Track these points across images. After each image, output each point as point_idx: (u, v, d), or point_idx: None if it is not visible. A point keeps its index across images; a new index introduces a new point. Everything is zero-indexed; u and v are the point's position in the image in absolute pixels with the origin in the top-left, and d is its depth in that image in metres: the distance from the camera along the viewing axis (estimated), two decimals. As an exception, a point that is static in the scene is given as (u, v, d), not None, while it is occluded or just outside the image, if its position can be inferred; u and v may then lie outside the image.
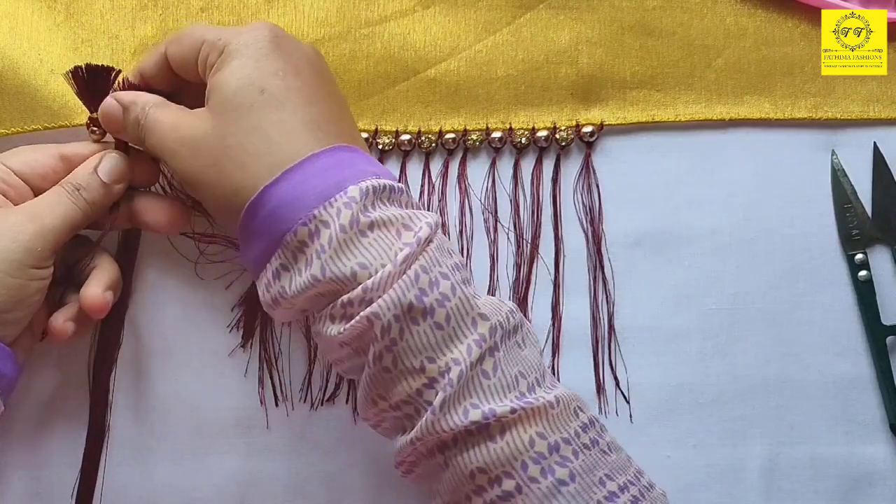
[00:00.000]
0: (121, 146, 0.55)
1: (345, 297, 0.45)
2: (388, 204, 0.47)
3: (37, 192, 0.53)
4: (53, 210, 0.51)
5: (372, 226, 0.45)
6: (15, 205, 0.52)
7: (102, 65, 0.54)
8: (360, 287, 0.45)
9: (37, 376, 0.58)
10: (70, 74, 0.53)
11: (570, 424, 0.46)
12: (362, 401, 0.48)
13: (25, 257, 0.49)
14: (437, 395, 0.45)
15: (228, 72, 0.48)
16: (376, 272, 0.45)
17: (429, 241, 0.46)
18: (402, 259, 0.44)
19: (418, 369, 0.45)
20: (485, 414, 0.44)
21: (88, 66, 0.53)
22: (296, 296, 0.46)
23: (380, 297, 0.44)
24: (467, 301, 0.45)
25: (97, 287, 0.52)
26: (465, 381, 0.45)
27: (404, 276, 0.44)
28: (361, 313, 0.45)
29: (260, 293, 0.48)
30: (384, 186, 0.46)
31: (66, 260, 0.54)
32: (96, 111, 0.54)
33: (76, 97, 0.54)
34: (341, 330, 0.46)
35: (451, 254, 0.47)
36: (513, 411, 0.45)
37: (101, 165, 0.53)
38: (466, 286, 0.46)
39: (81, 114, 0.56)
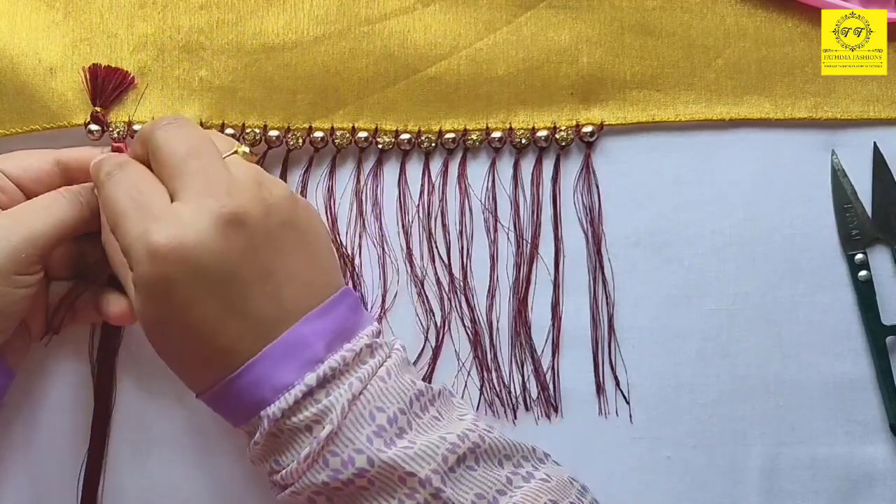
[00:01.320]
0: (118, 146, 0.55)
1: (271, 478, 0.49)
2: (304, 400, 0.47)
3: (30, 196, 0.52)
4: (45, 214, 0.50)
5: (282, 431, 0.47)
6: (5, 209, 0.51)
7: (120, 68, 0.56)
8: (278, 475, 0.48)
9: (38, 377, 0.58)
10: (87, 70, 0.55)
11: (571, 491, 0.48)
12: None
13: (10, 265, 0.49)
14: None
15: (138, 304, 0.47)
16: (285, 468, 0.47)
17: (339, 425, 0.46)
18: (303, 456, 0.46)
19: None
20: None
21: (108, 67, 0.56)
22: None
23: (293, 483, 0.47)
24: (388, 467, 0.46)
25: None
26: None
27: (315, 464, 0.46)
28: (284, 491, 0.48)
29: None
30: (296, 396, 0.46)
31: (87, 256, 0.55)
32: (100, 109, 0.55)
33: (75, 97, 0.55)
34: (277, 496, 0.49)
35: (373, 416, 0.47)
36: None
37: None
38: (392, 446, 0.46)
39: (80, 114, 0.56)
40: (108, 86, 0.57)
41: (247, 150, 0.50)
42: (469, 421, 0.49)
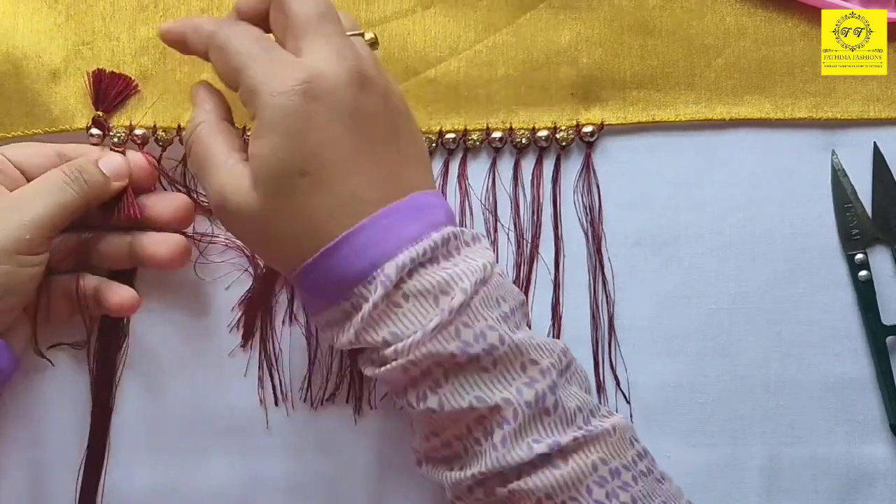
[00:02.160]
0: (118, 151, 0.56)
1: (377, 353, 0.47)
2: (429, 266, 0.46)
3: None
4: (46, 197, 0.51)
5: (406, 297, 0.46)
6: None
7: (125, 74, 0.56)
8: (391, 348, 0.46)
9: (38, 376, 0.58)
10: (91, 74, 0.56)
11: (628, 452, 0.47)
12: (418, 438, 0.49)
13: (14, 245, 0.49)
14: (492, 432, 0.45)
15: (266, 149, 0.45)
16: (407, 338, 0.45)
17: (472, 296, 0.46)
18: (432, 327, 0.45)
19: (466, 408, 0.46)
20: (550, 446, 0.45)
21: (112, 72, 0.56)
22: (340, 346, 0.48)
23: (411, 355, 0.45)
24: (517, 348, 0.46)
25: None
26: (526, 419, 0.45)
27: (443, 333, 0.45)
28: (394, 363, 0.46)
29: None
30: (425, 250, 0.46)
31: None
32: (102, 113, 0.56)
33: (77, 101, 0.55)
34: (375, 372, 0.47)
35: (499, 302, 0.47)
36: (575, 440, 0.46)
37: (104, 160, 0.54)
38: (517, 332, 0.47)
39: (81, 118, 0.57)
40: (111, 91, 0.57)
41: (372, 36, 0.51)
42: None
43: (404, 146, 0.49)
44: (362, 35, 0.50)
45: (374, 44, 0.52)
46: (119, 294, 0.55)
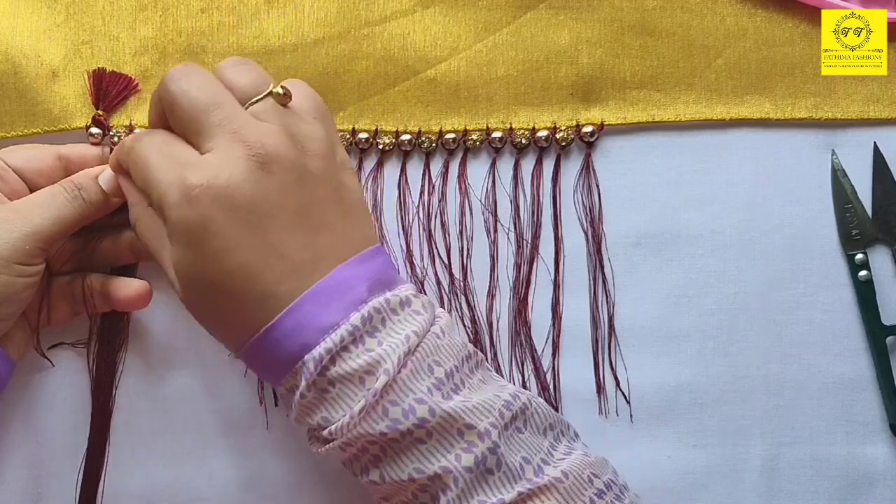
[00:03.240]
0: None
1: (317, 433, 0.48)
2: (352, 348, 0.46)
3: (33, 188, 0.53)
4: (45, 209, 0.51)
5: (333, 383, 0.46)
6: (8, 198, 0.52)
7: (125, 74, 0.56)
8: (326, 431, 0.47)
9: (38, 376, 0.58)
10: (91, 73, 0.56)
11: (585, 493, 0.47)
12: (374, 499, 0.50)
13: (12, 254, 0.49)
14: (438, 498, 0.46)
15: (175, 259, 0.47)
16: (337, 422, 0.46)
17: (396, 374, 0.46)
18: (358, 410, 0.45)
19: (407, 480, 0.46)
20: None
21: (112, 72, 0.56)
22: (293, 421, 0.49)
23: (343, 437, 0.46)
24: (450, 417, 0.46)
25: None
26: (468, 483, 0.45)
27: (372, 414, 0.45)
28: (332, 444, 0.47)
29: None
30: (343, 337, 0.46)
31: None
32: (102, 113, 0.56)
33: (77, 100, 0.55)
34: (318, 451, 0.48)
35: (431, 369, 0.47)
36: (521, 495, 0.46)
37: (103, 176, 0.54)
38: (453, 397, 0.46)
39: (81, 117, 0.57)
40: (111, 90, 0.57)
41: (280, 90, 0.48)
42: (512, 386, 0.49)
43: (329, 210, 0.48)
44: (271, 93, 0.48)
45: (284, 96, 0.49)
46: (130, 287, 0.55)
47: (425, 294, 0.51)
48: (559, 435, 0.50)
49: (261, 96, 0.48)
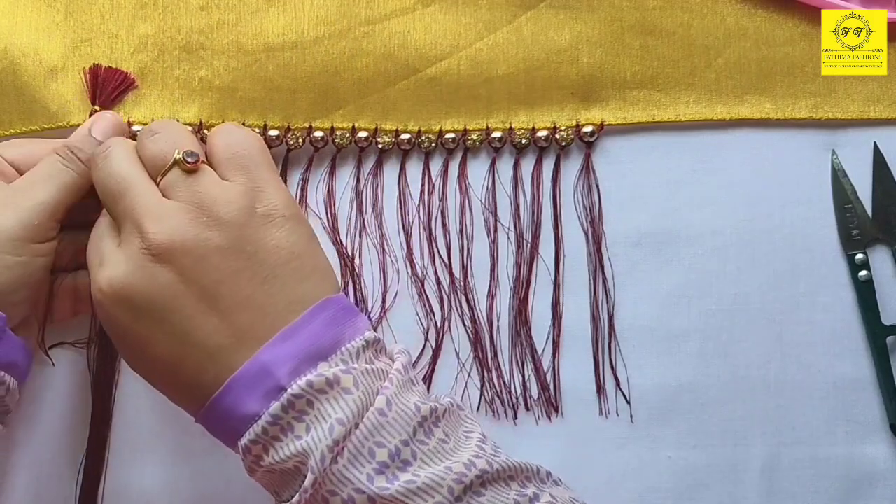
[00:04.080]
0: None
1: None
2: (281, 437, 0.44)
3: None
4: (47, 181, 0.51)
5: (272, 471, 0.45)
6: None
7: (121, 70, 0.56)
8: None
9: (38, 375, 0.58)
10: (87, 71, 0.55)
11: None
12: None
13: (25, 232, 0.49)
14: None
15: (103, 321, 0.48)
16: (288, 502, 0.45)
17: (329, 465, 0.43)
18: (294, 502, 0.44)
19: None
20: None
21: (108, 67, 0.56)
22: None
23: None
24: (394, 502, 0.43)
25: None
26: None
27: (313, 502, 0.44)
28: None
29: None
30: (264, 429, 0.44)
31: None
32: (99, 109, 0.56)
33: (75, 97, 0.55)
34: None
35: (372, 452, 0.44)
36: None
37: (95, 125, 0.54)
38: (398, 476, 0.44)
39: (79, 115, 0.57)
40: (108, 86, 0.57)
41: (181, 156, 0.47)
42: (475, 442, 0.47)
43: (243, 283, 0.46)
44: (176, 162, 0.47)
45: (191, 163, 0.47)
46: None
47: (381, 343, 0.49)
48: (524, 481, 0.47)
49: (166, 168, 0.48)
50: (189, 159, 0.47)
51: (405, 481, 0.44)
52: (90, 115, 0.56)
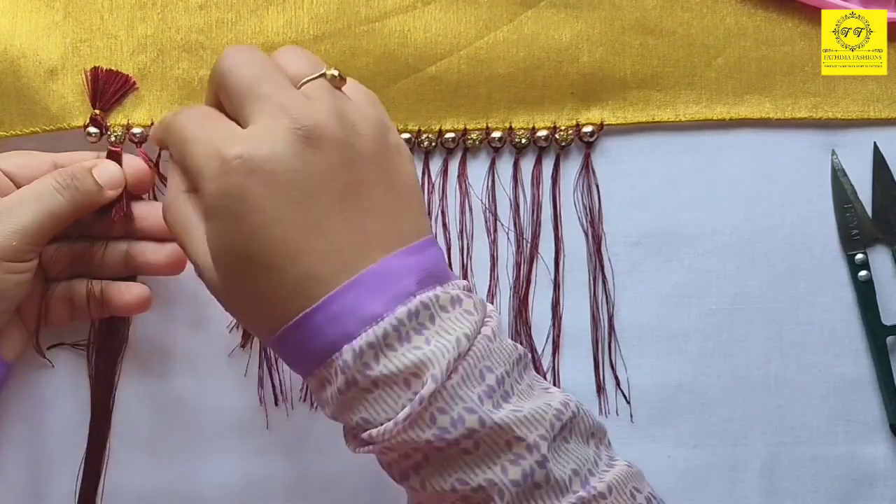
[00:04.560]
0: (113, 157, 0.55)
1: (353, 434, 0.45)
2: (397, 346, 0.43)
3: None
4: (35, 204, 0.50)
5: (376, 382, 0.43)
6: None
7: (122, 72, 0.55)
8: (366, 433, 0.44)
9: (38, 376, 0.58)
10: (88, 72, 0.55)
11: None
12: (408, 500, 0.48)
13: (1, 252, 0.49)
14: None
15: (212, 234, 0.44)
16: (381, 425, 0.43)
17: (445, 380, 0.42)
18: (403, 417, 0.42)
19: (449, 491, 0.43)
20: None
21: (108, 70, 0.55)
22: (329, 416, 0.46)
23: (385, 442, 0.43)
24: (499, 428, 0.42)
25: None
26: (513, 497, 0.43)
27: (419, 422, 0.42)
28: (372, 447, 0.44)
29: None
30: (386, 332, 0.42)
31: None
32: (99, 112, 0.55)
33: (75, 99, 0.55)
34: (356, 451, 0.45)
35: (483, 375, 0.43)
36: None
37: (98, 168, 0.53)
38: (503, 406, 0.43)
39: (80, 116, 0.56)
40: (108, 89, 0.57)
41: (335, 72, 0.46)
42: (559, 392, 0.46)
43: (378, 193, 0.45)
44: (324, 75, 0.46)
45: (338, 79, 0.47)
46: (130, 292, 0.55)
47: (477, 294, 0.48)
48: (599, 443, 0.47)
49: (314, 76, 0.46)
50: (340, 76, 0.47)
51: (510, 410, 0.43)
52: (90, 119, 0.56)
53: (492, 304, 0.59)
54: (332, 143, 0.44)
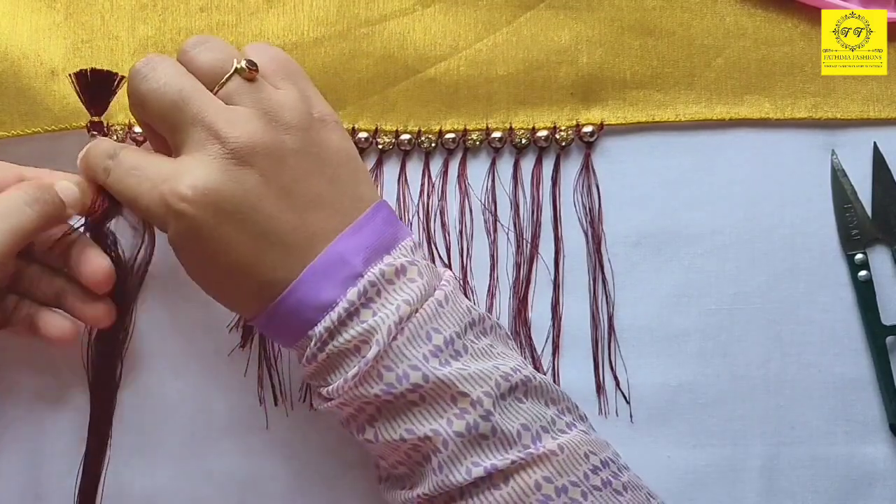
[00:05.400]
0: (97, 129, 0.56)
1: (316, 390, 0.50)
2: (348, 322, 0.47)
3: None
4: (4, 220, 0.49)
5: (331, 354, 0.48)
6: None
7: (107, 70, 0.54)
8: (324, 390, 0.49)
9: (38, 376, 0.58)
10: (74, 77, 0.54)
11: (579, 468, 0.47)
12: (374, 460, 0.52)
13: None
14: (429, 458, 0.47)
15: (178, 256, 0.49)
16: (333, 384, 0.48)
17: (389, 343, 0.46)
18: (352, 375, 0.47)
19: (398, 440, 0.48)
20: (487, 469, 0.46)
21: (93, 70, 0.54)
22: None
23: (340, 395, 0.48)
24: (443, 384, 0.47)
25: (96, 257, 0.53)
26: (458, 447, 0.46)
27: (368, 378, 0.47)
28: (329, 403, 0.49)
29: None
30: (339, 315, 0.47)
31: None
32: (96, 115, 0.55)
33: (77, 99, 0.55)
34: (320, 407, 0.50)
35: (430, 336, 0.47)
36: (513, 462, 0.46)
37: (59, 185, 0.51)
38: (450, 364, 0.47)
39: (82, 116, 0.56)
40: (99, 90, 0.55)
41: (243, 64, 0.48)
42: (519, 359, 0.50)
43: (313, 183, 0.48)
44: (236, 70, 0.48)
45: (249, 71, 0.48)
46: (56, 326, 0.54)
47: (422, 253, 0.51)
48: (565, 409, 0.50)
49: (226, 77, 0.48)
50: (251, 66, 0.48)
51: (457, 367, 0.47)
52: (87, 125, 0.56)
53: (492, 301, 0.59)
54: (263, 152, 0.47)
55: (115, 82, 0.54)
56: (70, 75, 0.54)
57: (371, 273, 0.47)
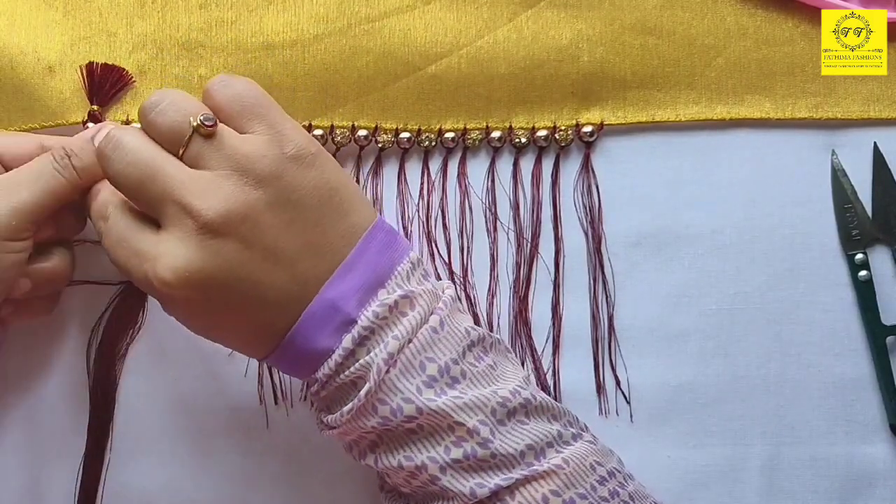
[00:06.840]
0: (95, 119, 0.55)
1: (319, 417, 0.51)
2: (346, 364, 0.47)
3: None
4: (34, 183, 0.50)
5: (332, 391, 0.48)
6: None
7: (117, 66, 0.55)
8: (325, 419, 0.49)
9: (38, 376, 0.58)
10: (83, 69, 0.54)
11: (587, 479, 0.47)
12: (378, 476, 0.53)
13: (0, 231, 0.48)
14: (430, 483, 0.47)
15: (170, 309, 0.48)
16: (333, 416, 0.48)
17: (382, 377, 0.46)
18: (347, 410, 0.47)
19: (396, 466, 0.48)
20: (492, 489, 0.46)
21: (104, 65, 0.55)
22: None
23: (339, 426, 0.48)
24: (437, 415, 0.46)
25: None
26: (458, 472, 0.47)
27: (364, 412, 0.47)
28: (332, 432, 0.49)
29: None
30: (337, 362, 0.47)
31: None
32: (97, 108, 0.55)
33: (74, 95, 0.55)
34: (321, 432, 0.50)
35: (423, 366, 0.47)
36: (517, 481, 0.46)
37: (99, 135, 0.51)
38: (444, 393, 0.47)
39: (78, 112, 0.56)
40: (105, 84, 0.56)
41: (200, 120, 0.46)
42: (521, 378, 0.49)
43: (295, 234, 0.46)
44: (195, 131, 0.46)
45: (208, 126, 0.46)
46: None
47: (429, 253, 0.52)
48: (567, 423, 0.50)
49: (186, 139, 0.46)
50: (207, 123, 0.46)
51: (452, 396, 0.47)
52: (88, 115, 0.56)
53: (492, 301, 0.59)
54: (238, 219, 0.45)
55: (124, 80, 0.54)
56: (80, 67, 0.55)
57: (364, 317, 0.47)
